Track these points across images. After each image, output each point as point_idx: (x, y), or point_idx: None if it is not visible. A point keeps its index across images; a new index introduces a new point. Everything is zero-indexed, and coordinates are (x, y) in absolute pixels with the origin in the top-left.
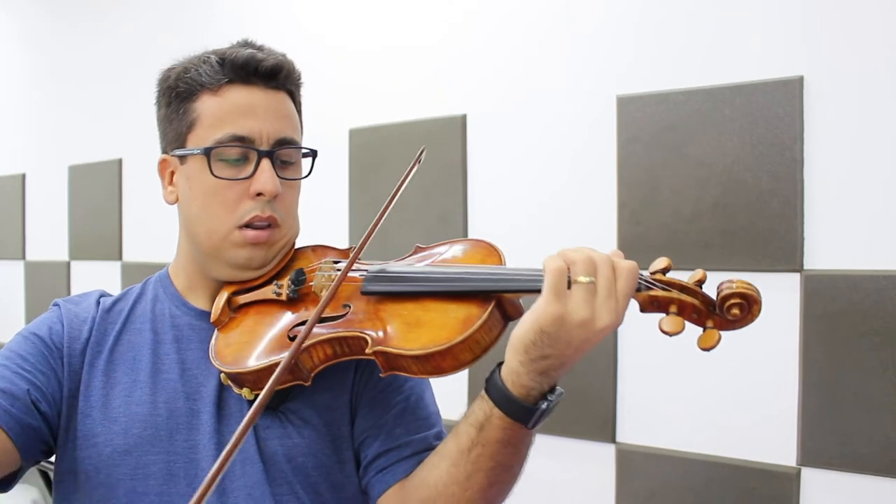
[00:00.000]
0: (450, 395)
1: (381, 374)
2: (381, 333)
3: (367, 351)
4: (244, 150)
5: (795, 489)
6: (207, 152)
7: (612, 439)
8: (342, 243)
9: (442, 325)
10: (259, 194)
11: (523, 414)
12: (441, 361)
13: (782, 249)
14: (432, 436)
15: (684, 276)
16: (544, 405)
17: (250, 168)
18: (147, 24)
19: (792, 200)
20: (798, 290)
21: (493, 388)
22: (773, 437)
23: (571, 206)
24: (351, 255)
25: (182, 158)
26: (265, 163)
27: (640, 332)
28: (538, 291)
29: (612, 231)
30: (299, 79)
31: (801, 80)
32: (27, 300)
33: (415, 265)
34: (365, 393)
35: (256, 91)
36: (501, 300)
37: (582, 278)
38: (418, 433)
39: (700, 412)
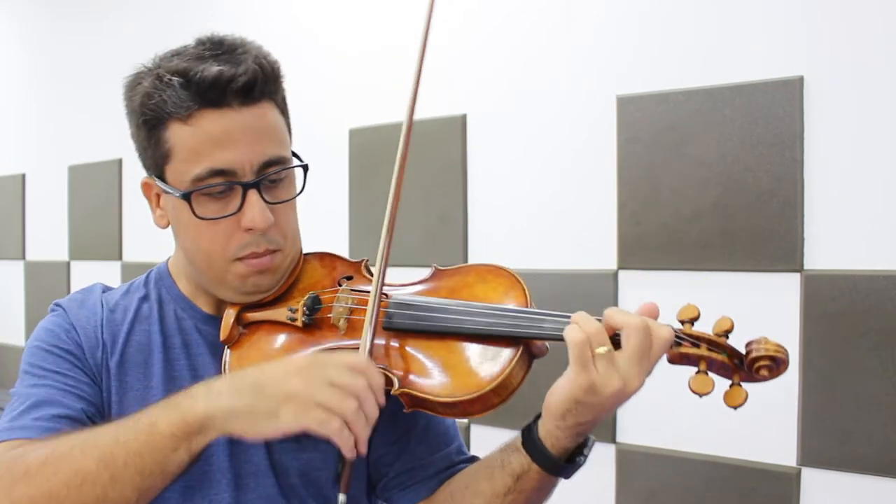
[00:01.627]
0: None
1: (404, 411)
2: (405, 373)
3: (393, 392)
4: (227, 183)
5: (795, 489)
6: (187, 196)
7: (612, 439)
8: (342, 244)
9: (470, 372)
10: (250, 230)
11: (563, 470)
12: (469, 407)
13: (782, 249)
14: (453, 451)
15: (688, 278)
16: (581, 460)
17: (237, 201)
18: (147, 24)
19: (792, 200)
20: (798, 290)
21: (532, 447)
22: (773, 437)
23: (571, 206)
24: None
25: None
26: (252, 195)
27: None
28: (559, 339)
29: (612, 231)
30: (278, 76)
31: (801, 80)
32: (27, 300)
33: (439, 299)
34: (385, 410)
35: (231, 113)
36: (529, 344)
37: (599, 350)
38: (439, 451)
39: (700, 412)
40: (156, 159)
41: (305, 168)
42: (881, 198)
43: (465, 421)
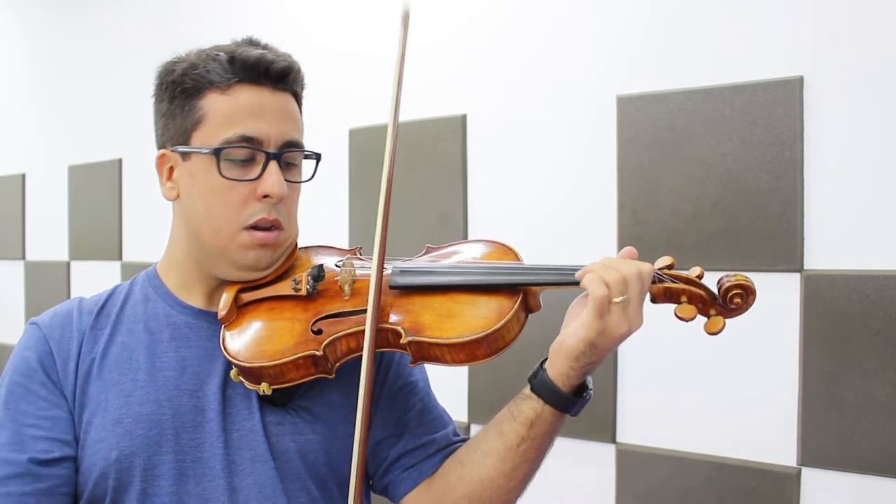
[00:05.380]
0: (451, 394)
1: (410, 364)
2: (412, 324)
3: (402, 342)
4: (252, 151)
5: (795, 489)
6: (217, 152)
7: (612, 439)
8: (342, 243)
9: (475, 315)
10: (266, 196)
11: (574, 405)
12: (476, 349)
13: (782, 249)
14: (451, 432)
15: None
16: (589, 394)
17: (257, 169)
18: (147, 24)
19: (792, 200)
20: (798, 290)
21: (544, 389)
22: (773, 437)
23: (571, 205)
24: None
25: (185, 155)
26: (273, 165)
27: (640, 332)
28: (561, 285)
29: (612, 231)
30: (304, 81)
31: (801, 80)
32: (27, 300)
33: (439, 261)
34: (382, 394)
35: (265, 92)
36: (526, 294)
37: (617, 299)
38: (438, 431)
39: (700, 412)
40: (185, 126)
41: (318, 158)
42: (881, 198)
43: (466, 421)
